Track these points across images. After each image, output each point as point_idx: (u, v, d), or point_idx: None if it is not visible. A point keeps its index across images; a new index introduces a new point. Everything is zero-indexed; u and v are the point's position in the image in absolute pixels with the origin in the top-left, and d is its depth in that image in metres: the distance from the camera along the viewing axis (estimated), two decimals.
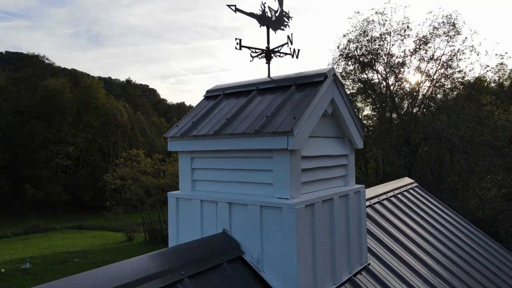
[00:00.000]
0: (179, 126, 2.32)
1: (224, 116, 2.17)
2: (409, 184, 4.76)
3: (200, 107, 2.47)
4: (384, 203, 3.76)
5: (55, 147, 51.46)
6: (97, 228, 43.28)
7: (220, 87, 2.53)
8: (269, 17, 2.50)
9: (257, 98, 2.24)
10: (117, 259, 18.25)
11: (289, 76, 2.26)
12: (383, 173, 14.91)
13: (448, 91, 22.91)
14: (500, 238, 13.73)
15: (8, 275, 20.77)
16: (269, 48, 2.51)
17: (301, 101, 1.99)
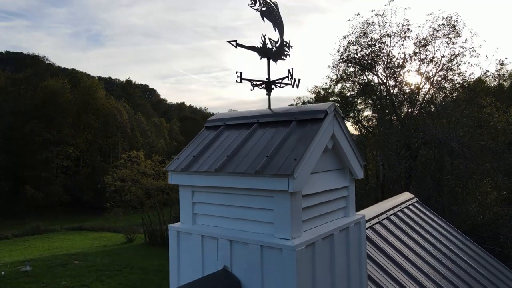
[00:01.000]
0: (180, 159, 2.33)
1: (225, 152, 2.18)
2: (409, 200, 4.77)
3: (201, 138, 2.48)
4: (384, 223, 3.77)
5: (55, 148, 51.51)
6: (97, 229, 43.32)
7: (221, 117, 2.54)
8: (270, 48, 2.51)
9: (258, 132, 2.25)
10: (116, 262, 18.29)
11: (290, 111, 2.27)
12: (383, 178, 14.92)
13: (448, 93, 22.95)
14: (500, 243, 13.75)
15: (8, 278, 20.78)
16: (269, 80, 2.52)
17: (302, 140, 2.00)
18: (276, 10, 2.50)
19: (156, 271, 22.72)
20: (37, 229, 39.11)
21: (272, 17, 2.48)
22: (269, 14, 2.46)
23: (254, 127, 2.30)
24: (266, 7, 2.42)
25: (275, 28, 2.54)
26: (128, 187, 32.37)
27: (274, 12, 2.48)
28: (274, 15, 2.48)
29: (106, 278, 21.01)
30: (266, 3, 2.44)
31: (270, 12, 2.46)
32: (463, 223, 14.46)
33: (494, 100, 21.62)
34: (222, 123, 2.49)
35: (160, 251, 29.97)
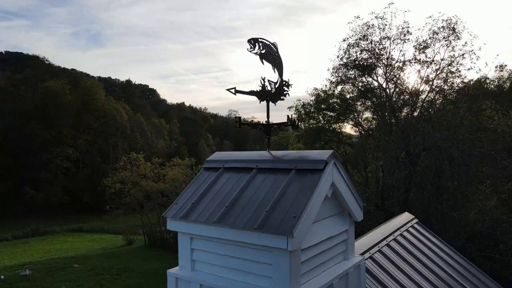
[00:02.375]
0: (179, 204, 2.32)
1: (224, 200, 2.17)
2: (409, 222, 4.76)
3: (200, 180, 2.46)
4: (384, 250, 3.76)
5: (55, 149, 51.47)
6: (96, 231, 43.31)
7: (220, 158, 2.52)
8: (269, 90, 2.50)
9: (257, 179, 2.23)
10: (116, 265, 18.26)
11: (289, 157, 2.26)
12: (383, 185, 14.91)
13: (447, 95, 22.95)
14: (500, 250, 13.73)
15: (8, 282, 20.74)
16: (268, 123, 2.51)
17: (302, 193, 1.98)
18: (275, 50, 2.49)
19: (156, 275, 22.70)
20: (36, 230, 39.07)
21: (271, 58, 2.47)
22: (268, 55, 2.45)
23: (253, 172, 2.29)
24: (265, 50, 2.41)
25: (274, 69, 2.52)
26: (128, 190, 32.36)
27: (273, 53, 2.47)
28: (273, 56, 2.47)
29: (106, 283, 20.98)
30: (265, 45, 2.43)
31: (269, 53, 2.44)
32: (463, 229, 14.46)
33: (493, 103, 21.65)
34: (221, 165, 2.47)
35: (159, 254, 29.97)
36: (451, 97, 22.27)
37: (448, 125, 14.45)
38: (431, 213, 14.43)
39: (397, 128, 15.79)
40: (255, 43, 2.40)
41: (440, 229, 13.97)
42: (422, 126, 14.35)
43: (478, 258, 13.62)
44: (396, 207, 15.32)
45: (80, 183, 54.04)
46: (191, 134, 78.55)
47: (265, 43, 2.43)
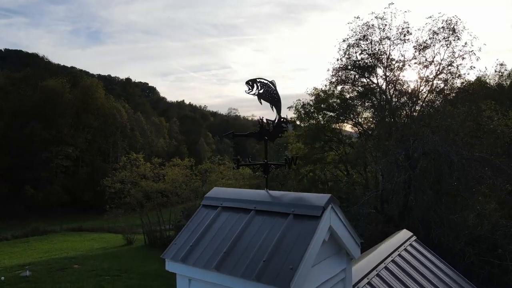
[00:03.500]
0: (177, 244, 2.33)
1: (222, 244, 2.18)
2: (407, 241, 4.78)
3: (198, 218, 2.48)
4: (382, 274, 3.78)
5: (54, 148, 51.51)
6: (96, 230, 43.39)
7: (219, 195, 2.53)
8: (267, 130, 2.51)
9: (255, 222, 2.25)
10: (115, 266, 18.31)
11: (287, 199, 2.27)
12: (382, 189, 14.93)
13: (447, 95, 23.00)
14: (498, 255, 13.76)
15: (7, 283, 20.79)
16: (267, 162, 2.52)
17: (299, 242, 1.99)
18: (273, 88, 2.50)
19: (155, 276, 22.76)
20: (36, 230, 39.14)
21: (270, 97, 2.48)
22: (266, 94, 2.45)
23: (252, 214, 2.30)
24: (263, 89, 2.42)
25: (272, 107, 2.53)
26: (128, 190, 32.41)
27: (271, 92, 2.48)
28: (271, 94, 2.48)
29: (106, 284, 21.04)
30: (263, 84, 2.43)
31: (267, 92, 2.45)
32: (462, 233, 14.48)
33: (493, 103, 21.71)
34: (219, 204, 2.48)
35: (159, 254, 29.96)
36: (451, 97, 22.34)
37: (447, 129, 14.47)
38: (431, 217, 14.46)
39: (397, 132, 15.81)
40: (253, 84, 2.41)
41: (439, 233, 14.02)
42: (422, 131, 14.36)
43: (477, 263, 13.67)
44: (395, 211, 15.36)
45: (80, 182, 54.11)
46: (191, 133, 78.58)
47: (263, 82, 2.44)
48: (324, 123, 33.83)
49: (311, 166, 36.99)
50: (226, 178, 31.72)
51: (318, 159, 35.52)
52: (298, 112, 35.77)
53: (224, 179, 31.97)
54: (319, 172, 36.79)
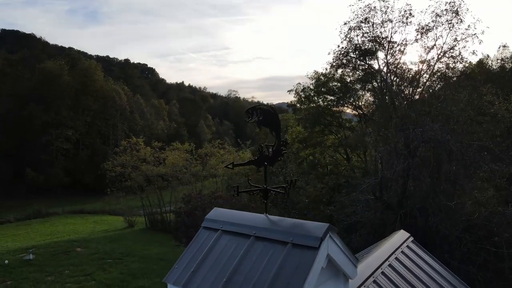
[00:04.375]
0: (179, 268, 2.39)
1: (222, 272, 2.23)
2: (404, 243, 4.86)
3: (199, 241, 2.53)
4: (379, 281, 3.87)
5: (54, 131, 51.51)
6: (98, 212, 43.85)
7: (219, 218, 2.58)
8: (266, 155, 2.53)
9: (254, 249, 2.29)
10: (118, 249, 18.58)
11: (285, 227, 2.31)
12: (381, 177, 15.05)
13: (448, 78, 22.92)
14: (494, 242, 13.97)
15: (12, 266, 21.14)
16: (266, 187, 2.55)
17: (297, 273, 2.05)
18: (273, 113, 2.51)
19: (157, 260, 23.16)
20: (38, 212, 39.55)
21: (269, 122, 2.49)
22: (266, 121, 2.47)
23: (251, 240, 2.35)
24: (263, 116, 2.44)
25: (272, 132, 2.55)
26: (128, 173, 32.63)
27: (270, 117, 2.49)
28: (270, 120, 2.49)
29: (108, 267, 21.40)
30: (263, 111, 2.44)
31: (266, 119, 2.47)
32: (459, 221, 14.67)
33: (494, 88, 21.68)
34: (219, 227, 2.53)
35: (160, 237, 30.50)
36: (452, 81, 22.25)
37: (447, 117, 14.46)
38: (429, 204, 14.62)
39: (397, 120, 15.81)
40: (253, 112, 2.42)
41: (436, 221, 14.20)
42: (422, 119, 14.36)
43: (473, 249, 13.90)
44: (394, 199, 15.51)
45: (80, 164, 54.36)
46: (191, 115, 78.39)
47: (263, 109, 2.45)
48: (324, 106, 33.77)
49: (310, 150, 37.09)
50: (226, 163, 31.84)
51: (318, 143, 35.60)
52: (298, 96, 35.65)
53: (224, 163, 32.09)
54: (318, 156, 36.90)
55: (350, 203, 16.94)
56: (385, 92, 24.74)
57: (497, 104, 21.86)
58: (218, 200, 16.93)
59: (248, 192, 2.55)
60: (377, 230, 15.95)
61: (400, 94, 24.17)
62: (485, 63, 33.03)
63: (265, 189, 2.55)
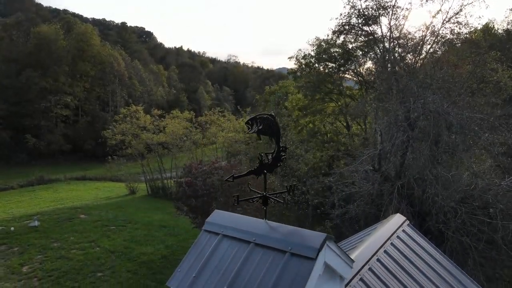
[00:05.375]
0: (181, 272, 2.48)
1: (223, 280, 2.31)
2: (400, 227, 4.98)
3: (200, 245, 2.60)
4: (374, 268, 4.01)
5: (53, 97, 51.16)
6: (99, 179, 44.42)
7: (220, 222, 2.64)
8: (266, 163, 2.54)
9: (254, 256, 2.36)
10: (121, 217, 19.01)
11: (285, 237, 2.36)
12: (380, 149, 15.12)
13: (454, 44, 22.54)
14: (489, 214, 14.26)
15: (17, 233, 21.71)
16: (266, 194, 2.58)
17: (296, 283, 2.13)
18: (272, 121, 2.50)
19: (159, 227, 23.75)
20: (41, 179, 40.05)
21: (269, 130, 2.49)
22: (266, 129, 2.46)
23: (251, 247, 2.42)
24: (262, 125, 2.43)
25: (271, 139, 2.55)
26: (129, 141, 32.77)
27: (270, 125, 2.48)
28: (270, 128, 2.49)
29: (112, 234, 21.98)
30: (263, 120, 2.43)
31: (266, 127, 2.46)
32: (455, 192, 14.90)
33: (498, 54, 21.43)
34: (220, 231, 2.60)
35: (162, 204, 31.07)
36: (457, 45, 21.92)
37: (449, 90, 14.34)
38: (426, 176, 14.79)
39: (398, 90, 15.69)
40: (252, 122, 2.41)
41: (433, 193, 14.43)
42: (423, 92, 14.23)
43: (468, 221, 14.21)
44: (392, 171, 15.67)
45: (80, 131, 54.44)
46: (190, 81, 77.47)
47: (262, 118, 2.44)
48: (325, 74, 33.39)
49: (310, 117, 37.06)
50: (226, 131, 31.87)
51: (318, 111, 35.52)
52: (299, 63, 35.16)
53: (224, 131, 32.14)
54: (318, 124, 36.92)
55: (349, 174, 17.14)
56: (386, 59, 24.45)
57: (501, 71, 21.66)
58: (218, 170, 17.09)
59: (248, 200, 2.60)
60: (375, 200, 16.25)
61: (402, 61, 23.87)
62: (491, 28, 32.33)
63: (264, 196, 2.59)
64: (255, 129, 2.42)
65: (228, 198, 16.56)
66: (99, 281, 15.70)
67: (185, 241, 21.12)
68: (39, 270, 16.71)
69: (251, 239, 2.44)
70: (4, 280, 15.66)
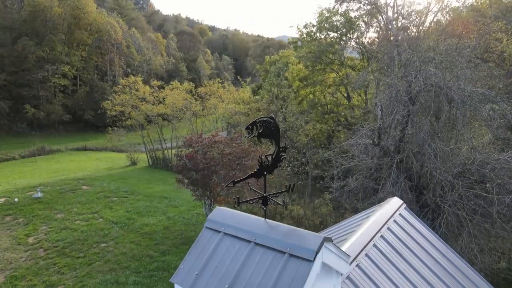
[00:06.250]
0: (185, 268, 2.57)
1: (225, 278, 2.40)
2: (397, 211, 5.08)
3: (203, 242, 2.68)
4: (370, 254, 4.13)
5: (50, 67, 50.48)
6: (100, 149, 44.64)
7: (221, 220, 2.70)
8: (266, 165, 2.57)
9: (254, 256, 2.45)
10: (122, 188, 19.30)
11: (284, 237, 2.43)
12: (380, 124, 15.11)
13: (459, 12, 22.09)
14: (486, 188, 14.46)
15: (22, 204, 22.08)
16: (265, 195, 2.63)
17: (294, 284, 2.22)
18: (272, 123, 2.51)
19: (160, 198, 24.14)
20: (42, 149, 40.25)
21: (269, 132, 2.50)
22: (266, 132, 2.47)
23: (252, 246, 2.50)
24: (262, 128, 2.44)
25: (272, 141, 2.57)
26: (129, 112, 32.69)
27: (270, 128, 2.49)
28: (270, 130, 2.50)
29: (114, 205, 22.37)
30: (263, 123, 2.44)
31: (266, 130, 2.47)
32: (453, 166, 15.04)
33: (504, 24, 21.04)
34: (221, 229, 2.67)
35: (162, 175, 31.42)
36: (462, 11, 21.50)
37: (451, 64, 14.16)
38: (425, 150, 14.88)
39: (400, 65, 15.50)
40: (252, 127, 2.42)
41: (431, 167, 14.57)
42: (425, 66, 14.05)
43: (465, 195, 14.43)
44: (391, 146, 15.75)
45: (79, 101, 54.15)
46: (189, 49, 76.14)
47: (262, 121, 2.45)
48: (326, 44, 32.89)
49: (311, 88, 36.82)
50: (226, 102, 31.72)
51: (319, 81, 35.25)
52: (300, 32, 34.51)
53: (224, 102, 32.00)
54: (319, 95, 36.73)
55: (349, 147, 17.25)
56: (389, 28, 24.00)
57: (505, 41, 21.34)
58: (219, 144, 17.17)
59: (248, 202, 2.66)
60: (373, 174, 16.44)
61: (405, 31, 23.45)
62: None
63: (264, 197, 2.65)
64: (255, 133, 2.44)
65: (228, 171, 16.75)
66: (103, 251, 16.14)
67: (186, 212, 21.54)
68: (44, 240, 17.13)
69: (251, 238, 2.52)
70: (11, 250, 16.10)
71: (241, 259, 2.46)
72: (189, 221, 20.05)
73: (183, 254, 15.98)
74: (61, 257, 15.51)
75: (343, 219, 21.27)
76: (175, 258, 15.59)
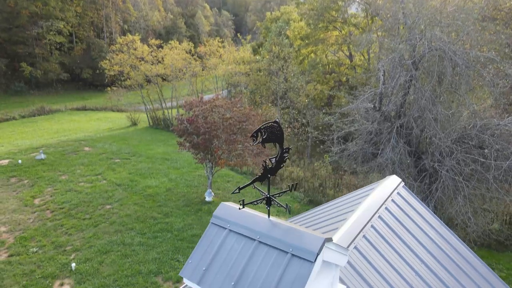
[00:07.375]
0: (193, 263, 2.71)
1: (231, 275, 2.55)
2: (395, 190, 5.22)
3: (209, 237, 2.80)
4: (368, 236, 4.31)
5: (44, 23, 49.05)
6: (100, 109, 44.50)
7: (226, 217, 2.80)
8: (269, 168, 2.63)
9: (259, 253, 2.58)
10: (124, 150, 19.58)
11: (287, 237, 2.55)
12: (382, 90, 14.99)
13: None
14: (484, 154, 14.63)
15: (25, 166, 22.41)
16: (269, 196, 2.71)
17: (297, 282, 2.36)
18: (276, 127, 2.54)
19: (162, 160, 24.45)
20: (42, 109, 40.13)
21: (273, 137, 2.53)
22: (270, 137, 2.50)
23: (256, 244, 2.63)
24: (267, 133, 2.47)
25: (275, 144, 2.61)
26: (127, 72, 32.24)
27: (274, 132, 2.52)
28: (274, 135, 2.53)
29: (117, 167, 22.70)
30: (267, 128, 2.46)
31: (270, 134, 2.50)
32: (453, 131, 15.13)
33: None
34: (227, 226, 2.79)
35: (163, 136, 31.58)
36: None
37: (457, 29, 13.81)
38: (426, 117, 14.89)
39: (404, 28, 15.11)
40: (257, 134, 2.45)
41: (431, 134, 14.66)
42: (431, 29, 13.70)
43: (463, 160, 14.63)
44: (392, 111, 15.73)
45: (76, 59, 53.19)
46: (187, 4, 73.54)
47: (266, 126, 2.47)
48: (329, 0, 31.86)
49: (312, 47, 36.09)
50: (226, 63, 31.19)
51: (321, 40, 34.49)
52: None
53: (224, 63, 31.47)
54: (320, 54, 36.09)
55: (349, 111, 17.24)
56: None
57: None
58: (219, 108, 17.14)
59: (252, 203, 2.75)
60: (373, 139, 16.57)
61: None
62: None
63: (268, 198, 2.74)
64: (260, 140, 2.48)
65: (229, 135, 16.88)
66: (108, 213, 16.63)
67: (187, 174, 21.91)
68: (50, 202, 17.59)
69: (255, 237, 2.65)
70: (19, 212, 16.58)
71: (246, 257, 2.60)
72: (191, 183, 20.46)
73: (186, 216, 16.49)
74: (68, 218, 16.01)
75: (342, 181, 21.64)
76: (178, 219, 16.09)
